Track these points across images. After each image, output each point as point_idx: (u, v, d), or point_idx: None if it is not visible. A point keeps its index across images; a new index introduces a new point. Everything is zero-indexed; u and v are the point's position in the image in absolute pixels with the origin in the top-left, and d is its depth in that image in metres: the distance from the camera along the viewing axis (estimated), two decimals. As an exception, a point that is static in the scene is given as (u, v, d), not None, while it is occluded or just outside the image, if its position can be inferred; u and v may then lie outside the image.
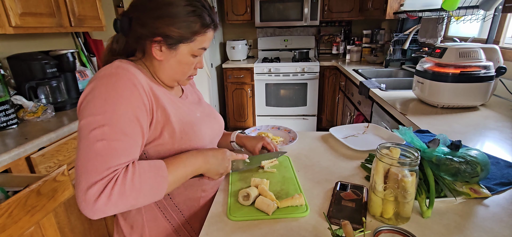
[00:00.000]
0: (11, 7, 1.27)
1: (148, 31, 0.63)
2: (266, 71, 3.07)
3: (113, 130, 0.55)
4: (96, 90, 0.57)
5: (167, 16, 0.63)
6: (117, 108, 0.56)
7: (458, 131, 1.08)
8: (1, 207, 0.81)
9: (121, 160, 0.55)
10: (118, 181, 0.53)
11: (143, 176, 0.57)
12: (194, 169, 0.67)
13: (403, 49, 2.41)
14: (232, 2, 3.16)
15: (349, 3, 3.07)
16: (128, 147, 0.57)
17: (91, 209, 0.51)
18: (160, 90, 0.67)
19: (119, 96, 0.57)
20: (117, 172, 0.54)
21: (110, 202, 0.52)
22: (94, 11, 1.85)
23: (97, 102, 0.56)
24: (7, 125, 1.23)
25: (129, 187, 0.54)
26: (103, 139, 0.54)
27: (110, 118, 0.55)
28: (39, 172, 1.15)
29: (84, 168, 0.53)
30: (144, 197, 0.57)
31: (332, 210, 0.65)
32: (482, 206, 0.66)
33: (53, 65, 1.54)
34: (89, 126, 0.55)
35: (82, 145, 0.54)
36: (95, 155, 0.53)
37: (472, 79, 1.24)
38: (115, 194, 0.52)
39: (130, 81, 0.59)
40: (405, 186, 0.58)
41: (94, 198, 0.51)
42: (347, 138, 1.07)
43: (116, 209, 0.54)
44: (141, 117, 0.60)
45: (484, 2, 1.38)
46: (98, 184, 0.52)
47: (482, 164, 0.69)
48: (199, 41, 0.68)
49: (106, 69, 0.60)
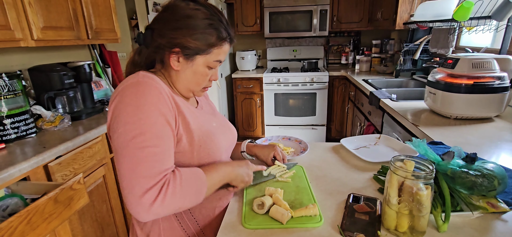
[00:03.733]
0: (34, 22, 1.34)
1: (167, 41, 0.66)
2: (275, 81, 3.09)
3: (151, 136, 0.58)
4: (126, 98, 0.60)
5: (186, 28, 0.65)
6: (150, 114, 0.59)
7: (473, 143, 1.06)
8: (20, 214, 0.84)
9: (168, 165, 0.60)
10: (171, 185, 0.58)
11: (188, 180, 0.61)
12: (226, 175, 0.71)
13: (413, 59, 2.40)
14: (242, 14, 3.23)
15: (358, 13, 3.09)
16: (168, 152, 0.61)
17: (147, 212, 0.55)
18: (179, 100, 0.70)
19: (149, 103, 0.60)
20: (167, 177, 0.58)
21: (164, 204, 0.56)
22: (110, 24, 1.92)
23: (130, 110, 0.59)
24: (27, 134, 1.28)
25: (179, 190, 0.58)
26: (145, 147, 0.57)
27: (145, 125, 0.58)
28: (56, 180, 1.19)
29: (134, 175, 0.55)
30: (190, 199, 0.62)
31: (345, 223, 0.65)
32: (500, 221, 0.65)
33: (70, 76, 1.60)
34: (127, 134, 0.57)
35: (125, 154, 0.57)
36: (142, 161, 0.56)
37: (486, 90, 1.22)
38: (169, 197, 0.56)
39: (156, 89, 0.62)
40: (420, 199, 0.57)
41: (150, 201, 0.55)
42: (358, 149, 1.06)
43: (168, 211, 0.58)
44: (171, 121, 0.63)
45: (497, 13, 1.37)
46: (154, 188, 0.55)
47: (499, 178, 0.67)
48: (215, 54, 0.70)
49: (132, 78, 0.63)
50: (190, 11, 0.66)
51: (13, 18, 1.24)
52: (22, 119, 1.25)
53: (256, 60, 3.44)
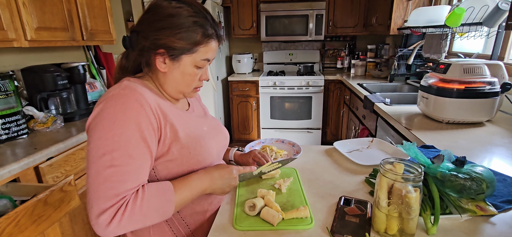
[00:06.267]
0: (28, 22, 1.33)
1: (151, 43, 0.64)
2: (271, 84, 3.10)
3: (121, 155, 0.57)
4: (105, 112, 0.59)
5: (169, 28, 0.63)
6: (125, 130, 0.58)
7: (464, 147, 1.07)
8: (9, 216, 0.83)
9: (130, 186, 0.58)
10: (128, 207, 0.57)
11: (151, 201, 0.60)
12: (200, 190, 0.69)
13: (407, 64, 2.43)
14: (239, 17, 3.24)
15: (354, 18, 3.12)
16: (136, 171, 0.59)
17: (104, 232, 0.55)
18: (167, 106, 0.68)
19: (126, 118, 0.58)
20: (126, 198, 0.57)
21: (120, 225, 0.56)
22: (105, 26, 1.91)
23: (105, 124, 0.58)
24: (18, 135, 1.27)
25: (138, 212, 0.58)
26: (112, 166, 0.56)
27: (118, 142, 0.57)
28: (47, 182, 1.17)
29: (95, 194, 0.56)
30: (152, 219, 0.61)
31: (335, 225, 0.65)
32: (489, 224, 0.65)
33: (64, 77, 1.59)
34: (98, 150, 0.57)
35: (92, 170, 0.57)
36: (105, 181, 0.56)
37: (477, 95, 1.24)
38: (125, 219, 0.56)
39: (137, 102, 0.60)
40: (409, 202, 0.58)
41: (106, 223, 0.55)
42: (351, 152, 1.07)
43: (126, 230, 0.58)
44: (149, 137, 0.61)
45: (488, 19, 1.39)
46: (109, 210, 0.55)
47: (488, 181, 0.68)
48: (202, 52, 0.67)
49: (115, 89, 0.62)
50: (173, 10, 0.63)
51: (6, 18, 1.23)
52: (13, 120, 1.24)
53: (252, 63, 3.45)
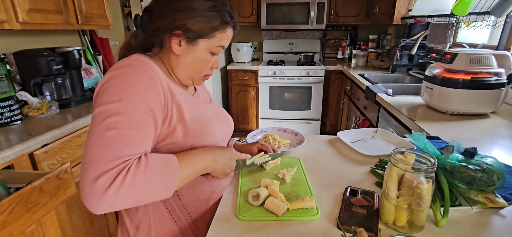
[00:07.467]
0: (19, 3, 1.27)
1: (168, 23, 0.63)
2: (270, 74, 3.05)
3: (127, 119, 0.53)
4: (113, 79, 0.56)
5: (187, 9, 0.62)
6: (133, 97, 0.55)
7: (469, 138, 1.05)
8: (2, 203, 0.80)
9: (133, 151, 0.53)
10: (130, 172, 0.50)
11: (155, 169, 0.54)
12: (204, 166, 0.66)
13: (410, 55, 2.39)
14: (238, 4, 3.16)
15: (356, 7, 3.06)
16: (141, 137, 0.55)
17: (98, 201, 0.48)
18: (175, 87, 0.66)
19: (136, 86, 0.56)
20: (129, 162, 0.52)
21: (119, 194, 0.49)
22: (101, 10, 1.85)
23: (113, 90, 0.55)
24: (11, 120, 1.23)
25: (140, 179, 0.51)
26: (116, 128, 0.52)
27: (125, 106, 0.53)
28: (42, 169, 1.14)
29: (93, 156, 0.50)
30: (154, 191, 0.55)
31: (342, 216, 0.63)
32: (499, 216, 0.64)
33: (59, 62, 1.54)
34: (103, 114, 0.53)
35: (93, 132, 0.52)
36: (107, 143, 0.51)
37: (483, 86, 1.22)
38: (126, 185, 0.49)
39: (148, 74, 0.58)
40: (421, 193, 0.56)
41: (103, 188, 0.48)
42: (355, 142, 1.04)
43: (123, 204, 0.51)
44: (156, 110, 0.58)
45: (496, 8, 1.36)
46: (108, 173, 0.49)
47: (499, 173, 0.66)
48: (218, 38, 0.67)
49: (124, 61, 0.59)
50: None
51: (-4, -2, 1.18)
52: (6, 105, 1.20)
53: (252, 52, 3.39)
